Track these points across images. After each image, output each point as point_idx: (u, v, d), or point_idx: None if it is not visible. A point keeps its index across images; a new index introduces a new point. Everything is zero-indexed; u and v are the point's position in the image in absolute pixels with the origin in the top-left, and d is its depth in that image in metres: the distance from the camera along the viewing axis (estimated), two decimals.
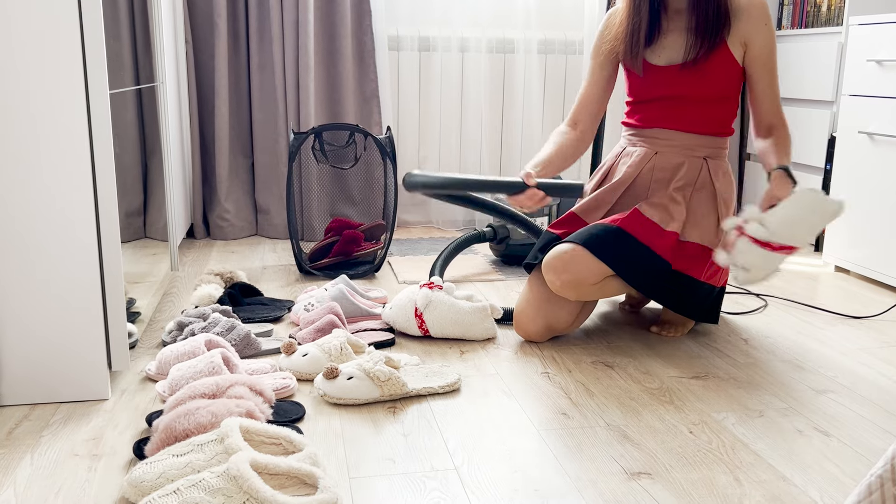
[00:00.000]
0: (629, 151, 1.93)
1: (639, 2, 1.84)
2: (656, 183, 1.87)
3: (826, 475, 1.26)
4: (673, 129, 1.87)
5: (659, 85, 1.86)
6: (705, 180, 1.85)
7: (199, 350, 1.57)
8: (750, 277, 1.66)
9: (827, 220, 1.62)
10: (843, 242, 2.49)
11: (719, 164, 1.88)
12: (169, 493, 1.05)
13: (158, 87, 2.21)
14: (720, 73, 1.82)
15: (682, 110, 1.86)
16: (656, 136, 1.89)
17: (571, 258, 1.74)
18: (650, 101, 1.89)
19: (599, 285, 1.76)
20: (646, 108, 1.91)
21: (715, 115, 1.86)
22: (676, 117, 1.86)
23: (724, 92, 1.84)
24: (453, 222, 3.16)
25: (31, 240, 1.42)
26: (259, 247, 2.78)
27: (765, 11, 1.81)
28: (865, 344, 1.88)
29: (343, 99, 2.87)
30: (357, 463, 1.27)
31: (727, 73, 1.82)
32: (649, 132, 1.90)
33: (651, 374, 1.67)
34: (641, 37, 1.85)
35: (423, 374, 1.61)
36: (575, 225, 1.90)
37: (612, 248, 1.73)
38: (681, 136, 1.87)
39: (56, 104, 1.38)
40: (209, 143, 2.86)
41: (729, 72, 1.82)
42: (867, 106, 2.38)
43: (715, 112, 1.86)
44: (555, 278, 1.75)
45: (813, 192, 1.62)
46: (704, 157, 1.87)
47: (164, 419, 1.25)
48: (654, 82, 1.87)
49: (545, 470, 1.26)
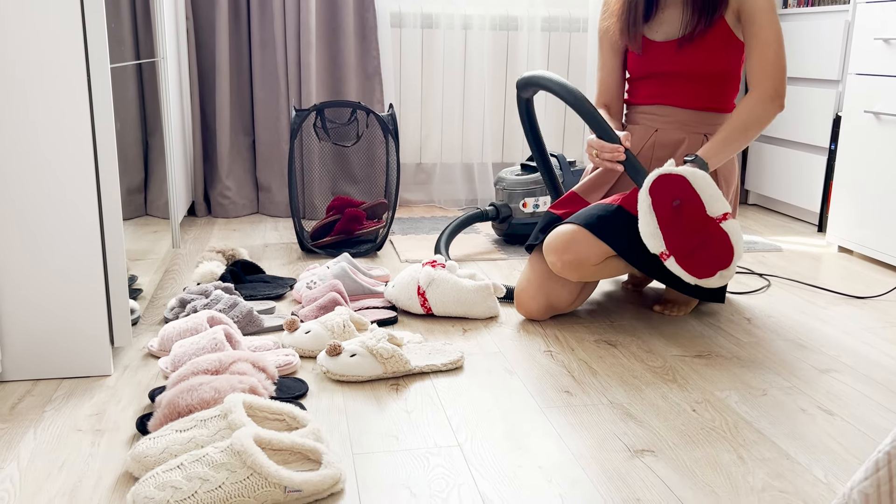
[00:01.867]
0: (630, 129, 1.92)
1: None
2: (657, 160, 1.86)
3: (830, 453, 1.26)
4: (672, 106, 1.86)
5: (657, 61, 1.84)
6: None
7: (202, 326, 1.56)
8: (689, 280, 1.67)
9: (645, 203, 1.63)
10: (847, 223, 2.48)
11: None
12: (173, 468, 1.05)
13: (159, 62, 2.19)
14: (719, 48, 1.79)
15: (681, 86, 1.84)
16: (656, 112, 1.87)
17: (572, 239, 1.73)
18: (649, 76, 1.88)
19: (601, 265, 1.76)
20: (645, 84, 1.89)
21: (715, 92, 1.84)
22: (676, 94, 1.85)
23: (724, 67, 1.81)
24: (455, 201, 3.14)
25: (32, 216, 1.41)
26: (260, 225, 2.77)
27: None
28: (869, 324, 1.87)
29: (345, 76, 2.85)
30: (360, 439, 1.27)
31: (726, 49, 1.79)
32: (649, 109, 1.88)
33: (654, 352, 1.67)
34: (639, 13, 1.84)
35: (425, 352, 1.61)
36: (576, 205, 1.89)
37: (612, 228, 1.72)
38: (681, 112, 1.85)
39: (56, 77, 1.36)
40: (210, 121, 2.84)
41: (728, 47, 1.79)
42: (874, 85, 2.36)
43: (715, 88, 1.83)
44: (556, 259, 1.75)
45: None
46: (705, 133, 1.85)
47: (167, 395, 1.25)
48: (653, 58, 1.85)
49: (548, 447, 1.26)
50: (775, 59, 1.74)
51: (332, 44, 2.84)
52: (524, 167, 2.59)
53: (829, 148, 2.75)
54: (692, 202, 1.62)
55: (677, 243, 1.62)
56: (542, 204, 2.52)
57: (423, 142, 3.09)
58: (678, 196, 1.62)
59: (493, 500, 1.11)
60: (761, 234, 2.78)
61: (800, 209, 3.01)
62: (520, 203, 2.50)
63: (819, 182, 2.80)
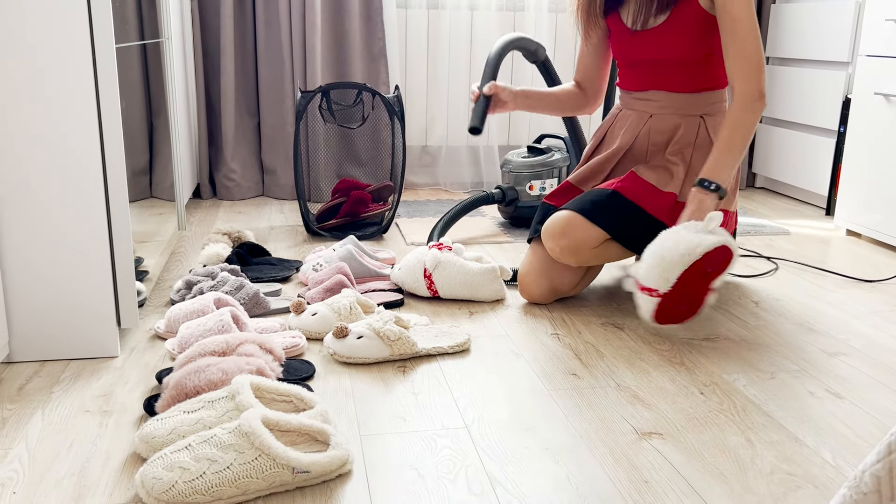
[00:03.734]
0: (625, 115, 1.89)
1: None
2: (654, 146, 1.83)
3: (838, 436, 1.26)
4: (664, 91, 1.82)
5: (636, 48, 1.81)
6: (704, 139, 1.80)
7: (208, 308, 1.56)
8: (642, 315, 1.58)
9: (688, 262, 1.47)
10: (856, 206, 2.46)
11: (718, 119, 1.82)
12: (181, 449, 1.05)
13: (164, 43, 2.18)
14: (691, 31, 1.72)
15: (665, 72, 1.80)
16: (648, 97, 1.84)
17: (567, 224, 1.72)
18: (633, 64, 1.84)
19: (599, 249, 1.75)
20: (632, 71, 1.85)
21: (702, 72, 1.78)
22: (664, 79, 1.81)
23: (707, 50, 1.75)
24: (461, 184, 3.13)
25: (39, 198, 1.40)
26: (266, 207, 2.77)
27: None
28: (877, 307, 1.86)
29: (350, 57, 2.83)
30: (367, 420, 1.27)
31: (699, 30, 1.72)
32: (640, 95, 1.86)
33: (661, 335, 1.67)
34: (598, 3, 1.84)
35: (432, 335, 1.61)
36: (571, 195, 1.88)
37: (606, 212, 1.71)
38: (672, 97, 1.81)
39: (62, 57, 1.35)
40: (215, 103, 2.83)
41: (708, 31, 1.73)
42: (884, 66, 2.34)
43: (701, 69, 1.78)
44: (554, 245, 1.74)
45: (673, 233, 1.51)
46: (701, 115, 1.81)
47: (175, 376, 1.25)
48: (632, 45, 1.81)
49: (555, 429, 1.26)
50: (755, 55, 1.67)
51: (338, 25, 2.82)
52: (531, 149, 2.57)
53: (837, 130, 2.73)
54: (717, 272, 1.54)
55: (671, 299, 1.54)
56: (549, 186, 2.51)
57: (429, 124, 3.07)
58: (713, 266, 1.53)
59: (500, 481, 1.11)
60: (769, 217, 2.77)
61: (808, 192, 2.99)
62: (526, 186, 2.49)
63: (827, 165, 2.78)
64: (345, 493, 1.08)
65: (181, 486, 1.02)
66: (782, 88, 3.01)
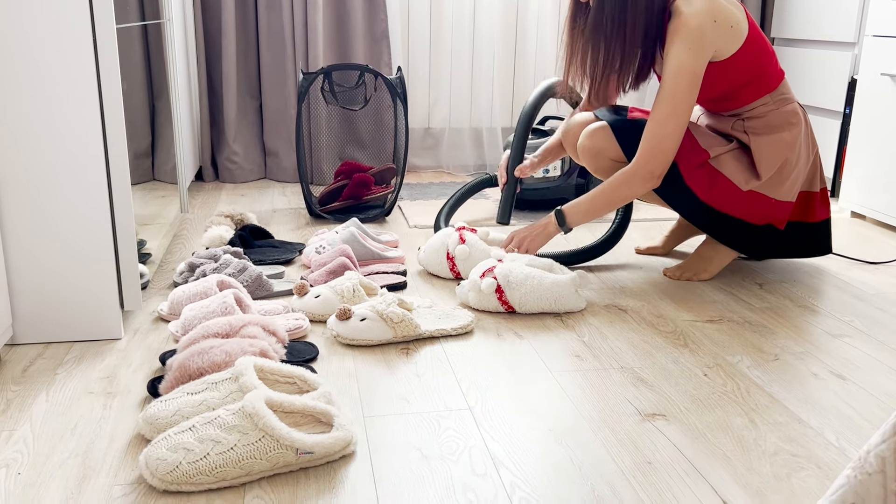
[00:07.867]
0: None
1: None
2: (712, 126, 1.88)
3: (842, 418, 1.25)
4: (715, 112, 1.86)
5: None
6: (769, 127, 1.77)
7: (212, 290, 1.56)
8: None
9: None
10: (861, 188, 2.45)
11: (780, 113, 1.76)
12: (184, 430, 1.06)
13: (165, 24, 2.16)
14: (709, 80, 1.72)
15: (708, 106, 1.85)
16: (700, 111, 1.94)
17: (594, 130, 1.82)
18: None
19: (619, 166, 1.82)
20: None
21: (740, 97, 1.76)
22: (711, 107, 1.85)
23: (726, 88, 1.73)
24: (464, 167, 3.12)
25: (41, 181, 1.40)
26: (268, 190, 2.76)
27: (679, 28, 1.61)
28: (881, 289, 1.86)
29: (352, 39, 2.81)
30: (371, 402, 1.28)
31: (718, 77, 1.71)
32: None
33: (665, 317, 1.66)
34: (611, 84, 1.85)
35: (435, 317, 1.60)
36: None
37: (634, 138, 1.76)
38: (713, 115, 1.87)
39: (62, 37, 1.34)
40: (217, 85, 2.81)
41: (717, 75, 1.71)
42: (891, 47, 2.32)
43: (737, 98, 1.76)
44: (581, 141, 1.84)
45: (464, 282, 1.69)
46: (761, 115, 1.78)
47: (178, 358, 1.25)
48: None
49: (559, 410, 1.26)
50: (661, 137, 1.66)
51: (339, 6, 2.80)
52: (534, 131, 2.56)
53: (843, 112, 2.71)
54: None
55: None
56: (553, 168, 2.49)
57: (432, 106, 3.06)
58: None
59: (503, 462, 1.11)
60: None
61: None
62: None
63: (832, 146, 2.76)
64: (348, 473, 1.08)
65: (185, 466, 1.02)
66: (787, 69, 2.99)
